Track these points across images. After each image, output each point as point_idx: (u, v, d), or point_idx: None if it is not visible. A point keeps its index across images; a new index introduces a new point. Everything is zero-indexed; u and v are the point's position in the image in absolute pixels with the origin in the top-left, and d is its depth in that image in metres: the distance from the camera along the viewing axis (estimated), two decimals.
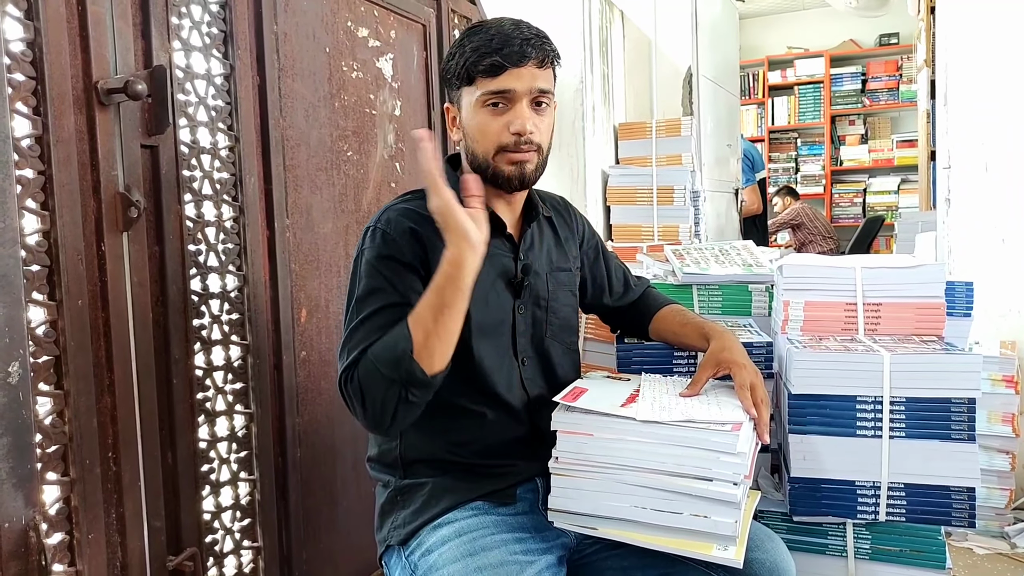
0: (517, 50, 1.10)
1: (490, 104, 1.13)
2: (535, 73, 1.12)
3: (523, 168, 1.15)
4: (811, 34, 6.64)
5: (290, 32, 1.54)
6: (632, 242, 3.16)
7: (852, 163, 6.52)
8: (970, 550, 2.05)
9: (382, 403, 1.02)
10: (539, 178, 1.20)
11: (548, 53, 1.14)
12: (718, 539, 1.01)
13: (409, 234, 1.12)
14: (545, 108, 1.16)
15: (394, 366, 1.01)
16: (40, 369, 1.04)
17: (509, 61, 1.10)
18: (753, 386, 1.15)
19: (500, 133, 1.13)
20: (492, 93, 1.12)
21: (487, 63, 1.11)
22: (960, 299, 1.52)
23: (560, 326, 1.27)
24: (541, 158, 1.17)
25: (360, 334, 1.07)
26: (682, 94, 4.05)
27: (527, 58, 1.11)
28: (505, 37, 1.11)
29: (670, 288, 1.73)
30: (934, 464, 1.26)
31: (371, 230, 1.14)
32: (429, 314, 1.01)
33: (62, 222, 1.07)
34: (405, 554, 1.12)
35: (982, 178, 2.42)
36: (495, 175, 1.15)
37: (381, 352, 1.03)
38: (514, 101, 1.12)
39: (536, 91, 1.13)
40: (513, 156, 1.13)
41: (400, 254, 1.11)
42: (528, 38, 1.12)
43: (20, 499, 0.98)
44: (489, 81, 1.12)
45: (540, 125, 1.15)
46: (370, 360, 1.03)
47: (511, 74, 1.11)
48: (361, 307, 1.10)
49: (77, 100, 1.10)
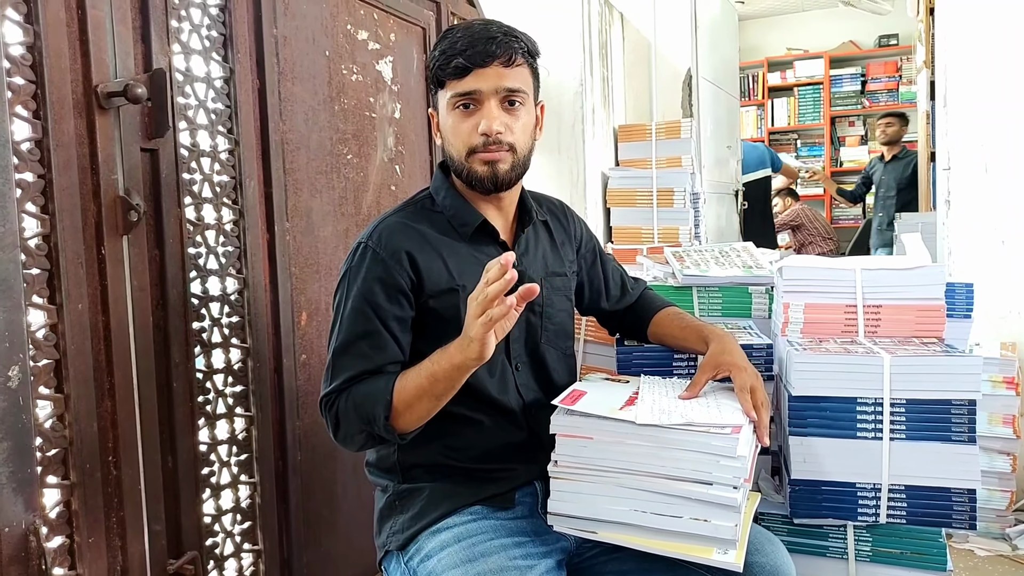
0: (481, 50, 1.10)
1: (460, 106, 1.13)
2: (501, 72, 1.12)
3: (495, 168, 1.14)
4: (810, 35, 6.64)
5: (290, 35, 1.54)
6: (632, 244, 3.17)
7: (852, 164, 6.52)
8: (971, 552, 2.05)
9: (352, 439, 1.11)
10: (517, 178, 1.19)
11: (515, 51, 1.13)
12: (718, 543, 1.00)
13: (399, 255, 1.12)
14: (519, 107, 1.15)
15: (368, 421, 1.07)
16: (40, 373, 1.04)
17: (472, 62, 1.10)
18: (753, 388, 1.14)
19: (470, 134, 1.13)
20: (459, 95, 1.12)
21: (452, 65, 1.11)
22: (960, 301, 1.52)
23: (555, 332, 1.27)
24: (516, 158, 1.16)
25: (343, 360, 1.11)
26: (682, 96, 4.05)
27: (492, 57, 1.11)
28: (471, 38, 1.11)
29: (670, 290, 1.73)
30: (935, 466, 1.26)
31: (362, 247, 1.15)
32: (415, 393, 1.05)
33: (62, 226, 1.07)
34: (404, 559, 1.12)
35: (982, 179, 2.42)
36: (469, 176, 1.15)
37: (360, 402, 1.07)
38: (481, 102, 1.12)
39: (504, 90, 1.12)
40: (484, 156, 1.13)
41: (388, 276, 1.12)
42: (494, 36, 1.12)
43: (20, 503, 0.98)
44: (456, 83, 1.12)
45: (513, 124, 1.14)
46: (350, 403, 1.08)
47: (476, 75, 1.11)
48: (346, 330, 1.12)
49: (77, 104, 1.10)
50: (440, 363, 1.03)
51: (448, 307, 1.14)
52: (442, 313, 1.14)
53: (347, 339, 1.11)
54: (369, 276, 1.12)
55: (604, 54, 3.40)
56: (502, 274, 0.92)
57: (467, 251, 1.18)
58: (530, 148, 1.19)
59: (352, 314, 1.12)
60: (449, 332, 1.08)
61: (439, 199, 1.22)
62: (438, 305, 1.14)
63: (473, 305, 0.96)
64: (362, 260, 1.13)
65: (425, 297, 1.13)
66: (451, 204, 1.20)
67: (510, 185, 1.18)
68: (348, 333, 1.11)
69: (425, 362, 1.05)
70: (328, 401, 1.11)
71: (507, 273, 0.92)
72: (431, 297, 1.13)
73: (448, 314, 1.14)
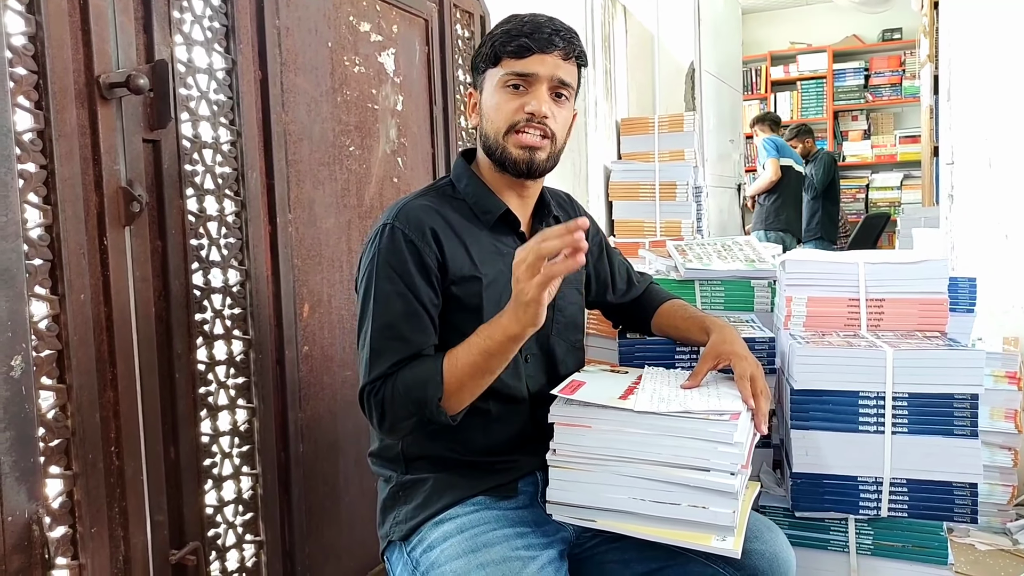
0: (546, 37, 1.14)
1: (511, 85, 1.15)
2: (559, 63, 1.15)
3: (533, 155, 1.15)
4: (814, 29, 6.63)
5: (292, 26, 1.53)
6: (634, 238, 3.16)
7: (855, 159, 6.51)
8: (972, 546, 2.05)
9: (401, 426, 1.09)
10: (549, 170, 1.20)
11: (575, 48, 1.17)
12: (716, 529, 1.01)
13: (427, 233, 1.12)
14: (564, 101, 1.18)
15: (419, 405, 1.05)
16: (43, 363, 1.04)
17: (536, 45, 1.13)
18: (753, 377, 1.15)
19: (515, 112, 1.14)
20: (515, 74, 1.14)
21: (515, 44, 1.13)
22: (963, 295, 1.52)
23: (566, 324, 1.27)
24: (554, 148, 1.18)
25: (383, 344, 1.08)
26: (684, 89, 4.04)
27: (554, 46, 1.14)
28: (537, 24, 1.15)
29: (672, 284, 1.73)
30: (936, 460, 1.26)
31: (388, 227, 1.12)
32: (468, 371, 1.04)
33: (64, 216, 1.07)
34: (407, 550, 1.12)
35: (985, 174, 2.42)
36: (503, 156, 1.16)
37: (411, 386, 1.05)
38: (534, 84, 1.14)
39: (557, 80, 1.15)
40: (522, 139, 1.14)
41: (417, 255, 1.10)
42: (559, 30, 1.16)
43: (23, 493, 0.99)
44: (514, 62, 1.14)
45: (557, 114, 1.16)
46: (399, 388, 1.06)
47: (536, 58, 1.13)
48: (383, 312, 1.09)
49: (79, 94, 1.10)
50: (493, 337, 1.01)
51: (469, 295, 1.13)
52: (463, 300, 1.13)
53: (387, 321, 1.08)
54: (401, 256, 1.10)
55: (607, 47, 3.39)
56: (566, 233, 0.91)
57: (488, 240, 1.18)
58: (563, 145, 1.21)
59: (388, 295, 1.09)
60: (468, 321, 1.09)
61: (460, 186, 1.21)
62: (460, 292, 1.13)
63: (522, 268, 0.94)
64: (391, 240, 1.11)
65: (448, 282, 1.13)
66: (474, 191, 1.20)
67: (542, 174, 1.19)
68: (387, 315, 1.09)
69: (473, 339, 1.04)
70: (373, 389, 1.07)
71: (576, 232, 0.90)
72: (453, 283, 1.13)
73: (469, 302, 1.13)
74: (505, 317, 1.00)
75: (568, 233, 0.91)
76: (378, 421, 1.08)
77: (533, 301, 0.95)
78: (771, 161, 4.78)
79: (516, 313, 0.98)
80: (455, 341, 1.08)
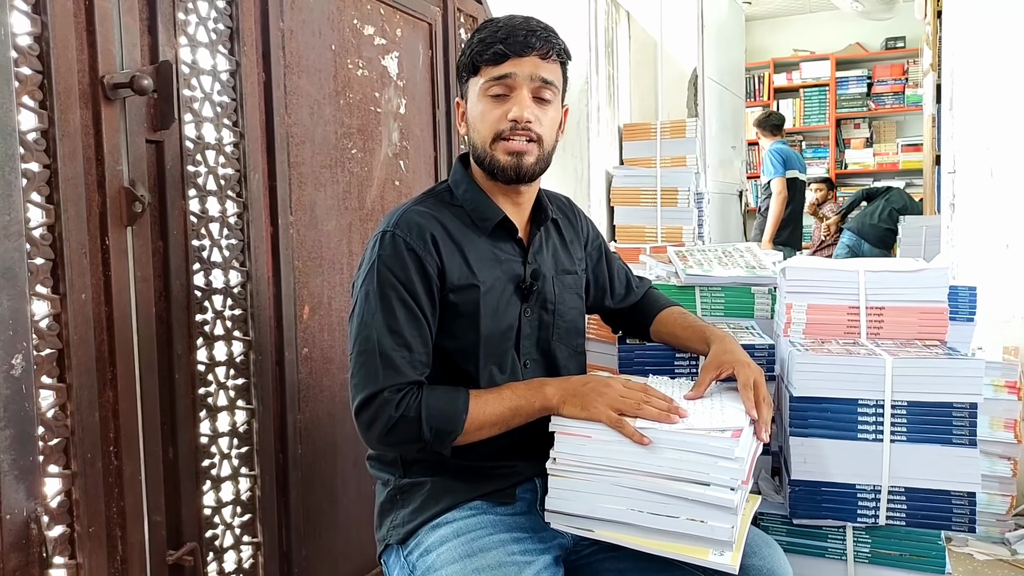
0: (522, 40, 1.13)
1: (492, 93, 1.14)
2: (538, 63, 1.14)
3: (520, 160, 1.14)
4: (817, 37, 6.63)
5: (296, 29, 1.54)
6: (636, 243, 3.17)
7: (857, 167, 6.51)
8: (970, 556, 2.05)
9: (402, 446, 1.12)
10: (540, 173, 1.19)
11: (553, 46, 1.15)
12: (714, 544, 1.00)
13: (427, 241, 1.12)
14: (549, 101, 1.16)
15: (434, 433, 1.07)
16: (43, 362, 1.04)
17: (511, 50, 1.12)
18: (756, 384, 1.14)
19: (499, 120, 1.14)
20: (493, 80, 1.13)
21: (491, 52, 1.13)
22: (963, 304, 1.52)
23: (567, 329, 1.27)
24: (542, 151, 1.17)
25: (395, 353, 1.08)
26: (687, 96, 4.04)
27: (530, 48, 1.13)
28: (511, 28, 1.14)
29: (673, 289, 1.73)
30: (935, 469, 1.26)
31: (388, 235, 1.12)
32: (492, 420, 1.10)
33: (67, 216, 1.07)
34: (404, 553, 1.12)
35: (987, 183, 2.42)
36: (492, 164, 1.16)
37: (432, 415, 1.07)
38: (515, 88, 1.13)
39: (538, 79, 1.14)
40: (510, 145, 1.14)
41: (418, 262, 1.11)
42: (534, 30, 1.14)
43: (22, 491, 0.99)
44: (493, 69, 1.13)
45: (541, 117, 1.15)
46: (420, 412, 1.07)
47: (513, 62, 1.13)
48: (387, 319, 1.09)
49: (83, 95, 1.10)
50: (532, 402, 1.08)
51: (466, 302, 1.13)
52: (460, 307, 1.13)
53: (390, 328, 1.08)
54: (403, 263, 1.10)
55: (610, 52, 3.39)
56: (665, 416, 1.05)
57: (486, 247, 1.18)
58: (554, 145, 1.20)
59: (390, 302, 1.09)
60: (464, 328, 1.09)
61: (459, 192, 1.21)
62: (457, 299, 1.13)
63: (617, 398, 1.06)
64: (392, 247, 1.11)
65: (447, 290, 1.13)
66: (472, 198, 1.20)
67: (532, 178, 1.19)
68: (391, 322, 1.08)
69: (507, 392, 1.09)
70: (383, 400, 1.06)
71: (674, 416, 1.05)
72: (451, 291, 1.13)
73: (466, 309, 1.13)
74: (551, 388, 1.07)
75: (670, 413, 1.05)
76: (380, 431, 1.06)
77: (591, 415, 1.06)
78: (778, 182, 4.66)
79: (567, 400, 1.08)
80: (450, 347, 1.08)
